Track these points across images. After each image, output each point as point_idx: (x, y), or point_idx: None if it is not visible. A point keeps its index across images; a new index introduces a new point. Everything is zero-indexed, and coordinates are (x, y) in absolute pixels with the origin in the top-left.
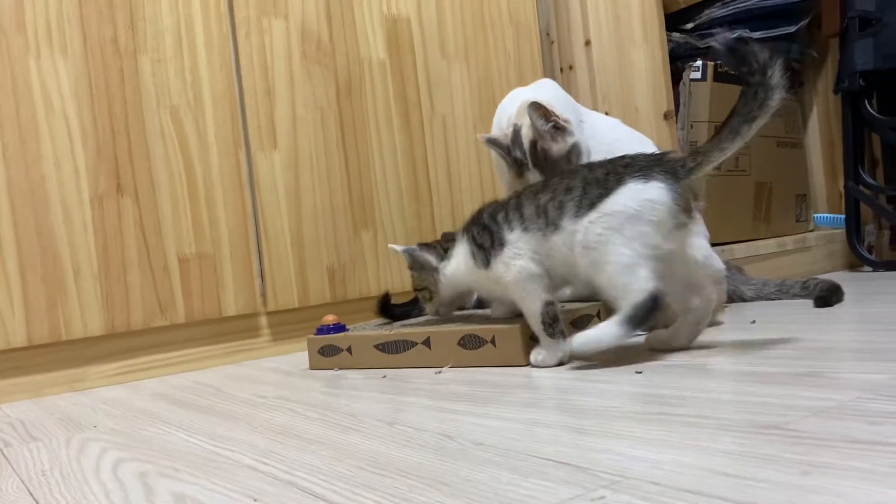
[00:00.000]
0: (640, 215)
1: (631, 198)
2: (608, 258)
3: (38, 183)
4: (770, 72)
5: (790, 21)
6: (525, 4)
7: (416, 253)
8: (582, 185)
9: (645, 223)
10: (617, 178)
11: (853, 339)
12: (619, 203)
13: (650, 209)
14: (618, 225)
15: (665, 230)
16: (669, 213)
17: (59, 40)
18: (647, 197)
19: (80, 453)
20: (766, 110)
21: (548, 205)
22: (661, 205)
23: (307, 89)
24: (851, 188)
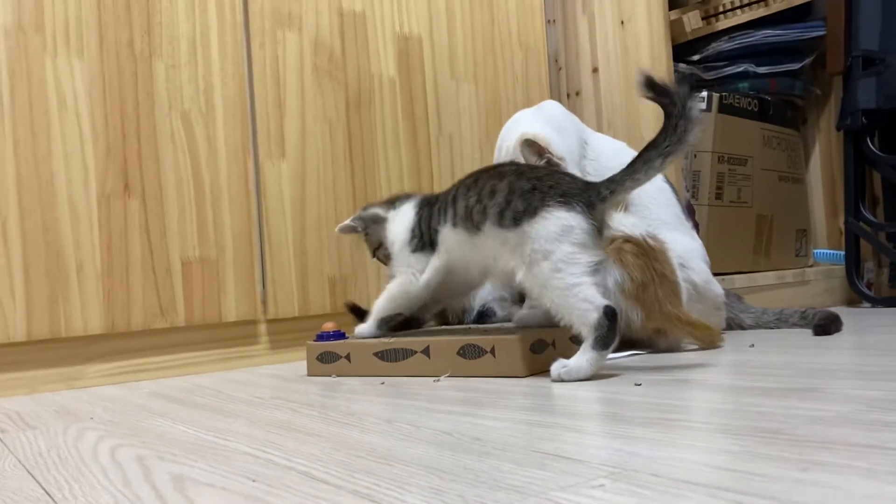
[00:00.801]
0: (564, 239)
1: (553, 224)
2: (548, 283)
3: (46, 179)
4: (689, 105)
5: (795, 58)
6: (535, 30)
7: (363, 213)
8: (506, 192)
9: (569, 245)
10: (541, 198)
11: (851, 362)
12: (544, 229)
13: (571, 233)
14: (545, 250)
15: (587, 247)
16: (587, 234)
17: (77, 42)
18: (567, 224)
19: (78, 440)
20: (683, 144)
21: (475, 206)
22: (580, 229)
23: (317, 101)
24: (852, 224)
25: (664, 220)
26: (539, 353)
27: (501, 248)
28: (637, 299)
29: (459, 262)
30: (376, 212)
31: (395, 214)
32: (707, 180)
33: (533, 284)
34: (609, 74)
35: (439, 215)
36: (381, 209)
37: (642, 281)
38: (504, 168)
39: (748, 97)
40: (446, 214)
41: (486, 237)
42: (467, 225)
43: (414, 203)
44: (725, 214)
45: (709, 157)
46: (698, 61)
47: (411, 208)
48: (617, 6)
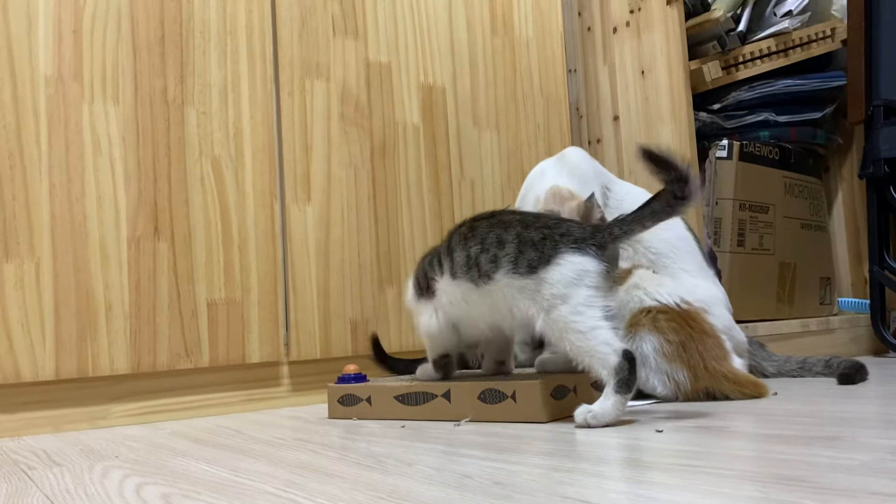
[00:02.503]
0: (580, 283)
1: (569, 269)
2: (568, 327)
3: (79, 221)
4: (687, 187)
5: (816, 107)
6: (556, 80)
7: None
8: (516, 242)
9: (586, 288)
10: (553, 245)
11: (876, 412)
12: (560, 275)
13: (587, 277)
14: (563, 295)
15: (604, 291)
16: (602, 277)
17: (113, 89)
18: (583, 268)
19: (104, 477)
20: (682, 210)
21: (479, 256)
22: (595, 272)
23: (343, 148)
24: (877, 273)
25: (686, 268)
26: (560, 398)
27: (519, 296)
28: (680, 360)
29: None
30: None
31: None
32: (728, 227)
33: (553, 329)
34: (630, 123)
35: (434, 266)
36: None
37: (680, 341)
38: (506, 217)
39: (769, 145)
40: (443, 266)
41: (499, 285)
42: (472, 275)
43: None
44: (747, 262)
45: (730, 205)
46: (719, 110)
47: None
48: (637, 56)
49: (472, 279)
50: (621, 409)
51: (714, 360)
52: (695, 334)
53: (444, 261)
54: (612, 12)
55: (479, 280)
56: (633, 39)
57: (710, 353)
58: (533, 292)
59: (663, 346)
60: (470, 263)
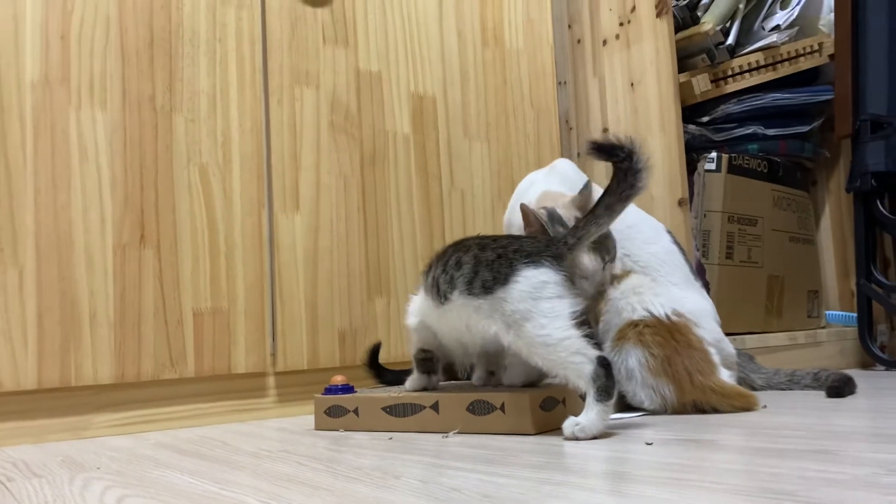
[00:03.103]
0: (540, 296)
1: (527, 284)
2: (535, 342)
3: (64, 228)
4: (635, 157)
5: (804, 121)
6: (546, 92)
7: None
8: (473, 264)
9: (546, 300)
10: (508, 264)
11: (866, 425)
12: (517, 291)
13: (545, 288)
14: (525, 310)
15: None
16: (561, 285)
17: (100, 95)
18: (539, 280)
19: (84, 489)
20: (637, 190)
21: (439, 278)
22: (553, 282)
23: (332, 157)
24: (864, 286)
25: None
26: (549, 410)
27: (475, 316)
28: (665, 374)
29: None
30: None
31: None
32: (717, 240)
33: (521, 346)
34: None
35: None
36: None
37: (665, 355)
38: (468, 241)
39: (758, 158)
40: (424, 284)
41: (454, 306)
42: (434, 295)
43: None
44: (736, 274)
45: (719, 217)
46: (708, 123)
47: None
48: (627, 69)
49: (434, 299)
50: (606, 417)
51: (700, 373)
52: (680, 348)
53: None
54: (602, 25)
55: (438, 300)
56: (623, 52)
57: (695, 366)
58: (491, 311)
59: (648, 361)
60: (433, 284)
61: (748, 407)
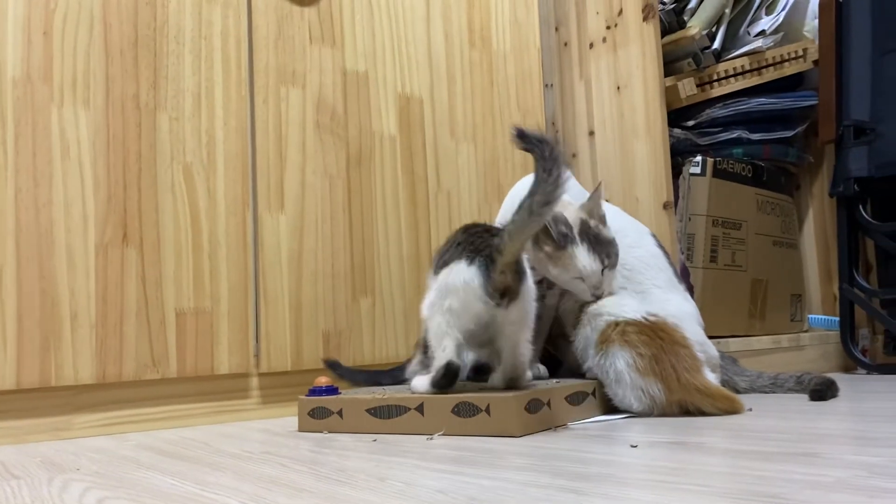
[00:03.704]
0: (456, 292)
1: (455, 275)
2: (431, 322)
3: (46, 227)
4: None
5: (788, 126)
6: (533, 94)
7: None
8: (445, 248)
9: (458, 301)
10: (458, 253)
11: (849, 428)
12: (451, 278)
13: (462, 289)
14: (444, 296)
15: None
16: (476, 296)
17: (83, 93)
18: (464, 277)
19: (63, 491)
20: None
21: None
22: (471, 288)
23: (318, 157)
24: (846, 290)
25: (657, 284)
26: (534, 412)
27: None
28: (653, 373)
29: None
30: None
31: None
32: (702, 243)
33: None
34: (605, 138)
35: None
36: None
37: (652, 353)
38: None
39: (742, 162)
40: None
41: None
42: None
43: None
44: (720, 278)
45: (703, 221)
46: (693, 126)
47: None
48: (613, 72)
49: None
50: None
51: (687, 371)
52: (666, 345)
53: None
54: (589, 28)
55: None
56: (610, 55)
57: (682, 363)
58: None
59: (636, 361)
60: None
61: (733, 410)
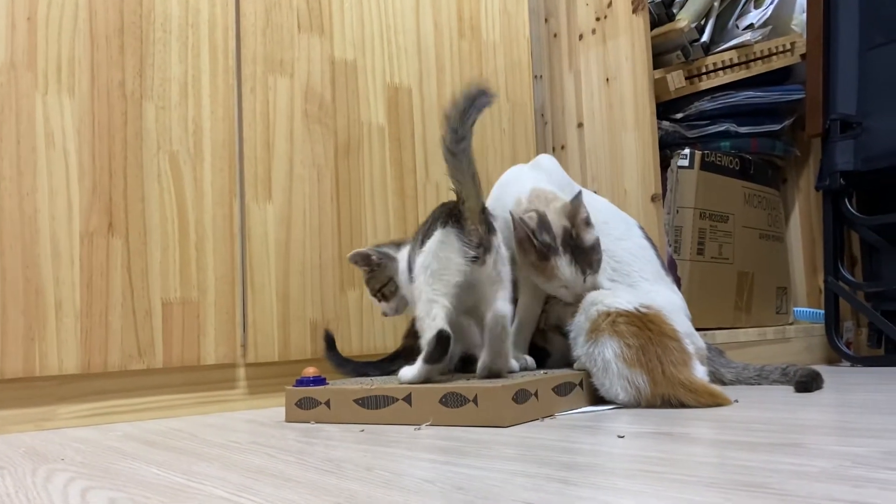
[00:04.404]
0: (437, 253)
1: (433, 241)
2: (419, 293)
3: (30, 215)
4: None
5: (775, 119)
6: (522, 85)
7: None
8: (421, 227)
9: (437, 260)
10: (432, 227)
11: (834, 419)
12: (426, 247)
13: (442, 248)
14: (424, 264)
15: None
16: (454, 249)
17: (68, 80)
18: (440, 239)
19: (47, 481)
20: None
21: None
22: (448, 242)
23: (306, 147)
24: (831, 283)
25: (644, 275)
26: (521, 403)
27: None
28: (639, 364)
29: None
30: (389, 252)
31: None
32: (689, 236)
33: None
34: (594, 129)
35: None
36: (392, 250)
37: (640, 344)
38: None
39: (730, 155)
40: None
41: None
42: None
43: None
44: (707, 270)
45: (690, 213)
46: (681, 119)
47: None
48: (602, 64)
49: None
50: (424, 375)
51: (672, 364)
52: (654, 337)
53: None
54: (579, 19)
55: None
56: (599, 47)
57: (668, 356)
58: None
59: (623, 351)
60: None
61: (716, 406)
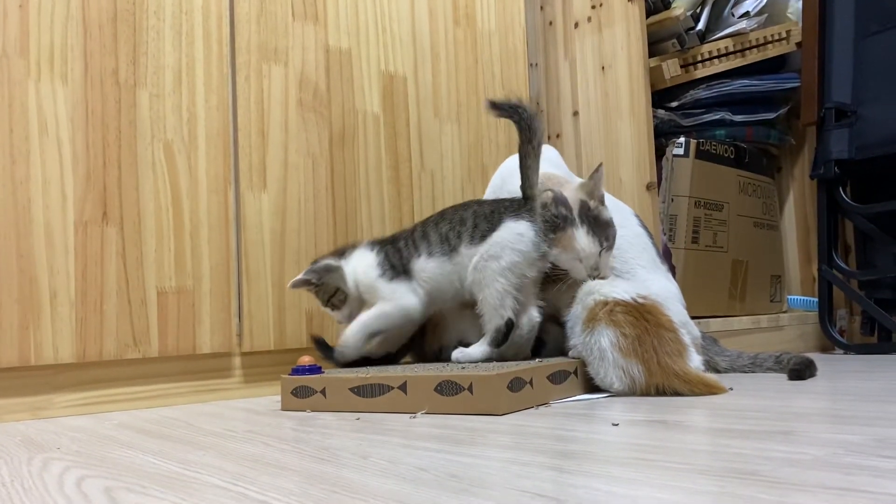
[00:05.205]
0: (514, 246)
1: (508, 231)
2: (489, 282)
3: (23, 204)
4: (523, 112)
5: (770, 108)
6: (518, 74)
7: (315, 266)
8: (473, 218)
9: (517, 253)
10: (499, 216)
11: (827, 407)
12: (500, 236)
13: (520, 241)
14: (497, 253)
15: (530, 260)
16: (533, 244)
17: (61, 68)
18: (518, 231)
19: (43, 470)
20: (538, 134)
21: (448, 233)
22: (528, 238)
23: (301, 135)
24: (825, 272)
25: (640, 263)
26: (517, 391)
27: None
28: (635, 354)
29: (438, 284)
30: (328, 262)
31: (349, 261)
32: (683, 224)
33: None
34: (589, 118)
35: (408, 249)
36: (331, 260)
37: (636, 334)
38: (466, 202)
39: (725, 144)
40: (418, 248)
41: (461, 256)
42: (444, 249)
43: (365, 247)
44: (701, 258)
45: (685, 202)
46: (676, 108)
47: (367, 251)
48: (598, 52)
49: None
50: (486, 356)
51: (667, 355)
52: (650, 327)
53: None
54: (574, 7)
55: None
56: (595, 35)
57: (664, 347)
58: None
59: (619, 341)
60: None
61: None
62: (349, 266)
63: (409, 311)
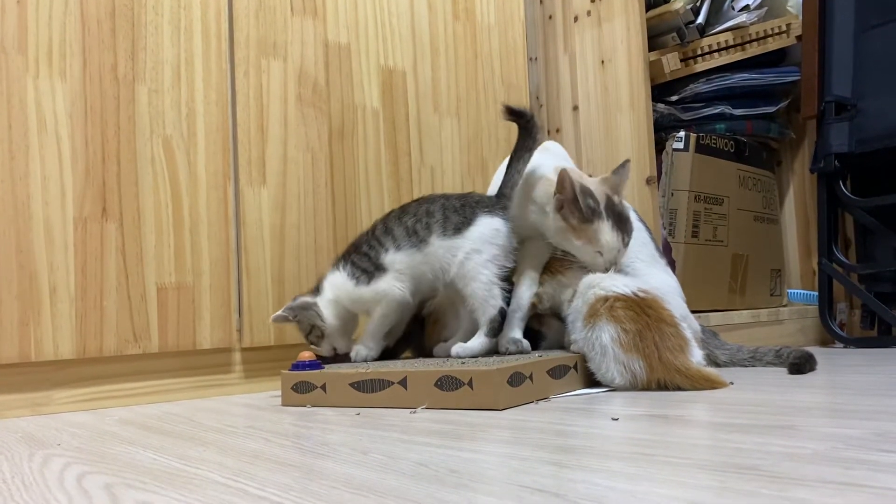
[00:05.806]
0: (493, 241)
1: (485, 227)
2: (475, 276)
3: (22, 200)
4: (530, 117)
5: (770, 101)
6: (517, 68)
7: (292, 304)
8: (442, 211)
9: (496, 247)
10: (472, 211)
11: (826, 401)
12: (478, 231)
13: (497, 235)
14: (478, 248)
15: (507, 252)
16: (508, 238)
17: (60, 63)
18: (494, 226)
19: (44, 466)
20: (535, 145)
21: (415, 226)
22: (503, 232)
23: (300, 130)
24: (825, 265)
25: (640, 258)
26: (516, 385)
27: (445, 254)
28: (636, 349)
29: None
30: (304, 300)
31: (323, 294)
32: (684, 218)
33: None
34: (589, 112)
35: (374, 249)
36: (308, 297)
37: (637, 329)
38: (430, 196)
39: (725, 138)
40: (384, 244)
41: (433, 247)
42: (412, 241)
43: (332, 270)
44: (701, 253)
45: (685, 196)
46: (676, 102)
47: (335, 271)
48: (598, 46)
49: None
50: (486, 348)
51: (669, 350)
52: (651, 322)
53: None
54: (574, 1)
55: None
56: (594, 29)
57: (665, 342)
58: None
59: (620, 336)
60: (409, 233)
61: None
62: (324, 299)
63: (399, 299)
